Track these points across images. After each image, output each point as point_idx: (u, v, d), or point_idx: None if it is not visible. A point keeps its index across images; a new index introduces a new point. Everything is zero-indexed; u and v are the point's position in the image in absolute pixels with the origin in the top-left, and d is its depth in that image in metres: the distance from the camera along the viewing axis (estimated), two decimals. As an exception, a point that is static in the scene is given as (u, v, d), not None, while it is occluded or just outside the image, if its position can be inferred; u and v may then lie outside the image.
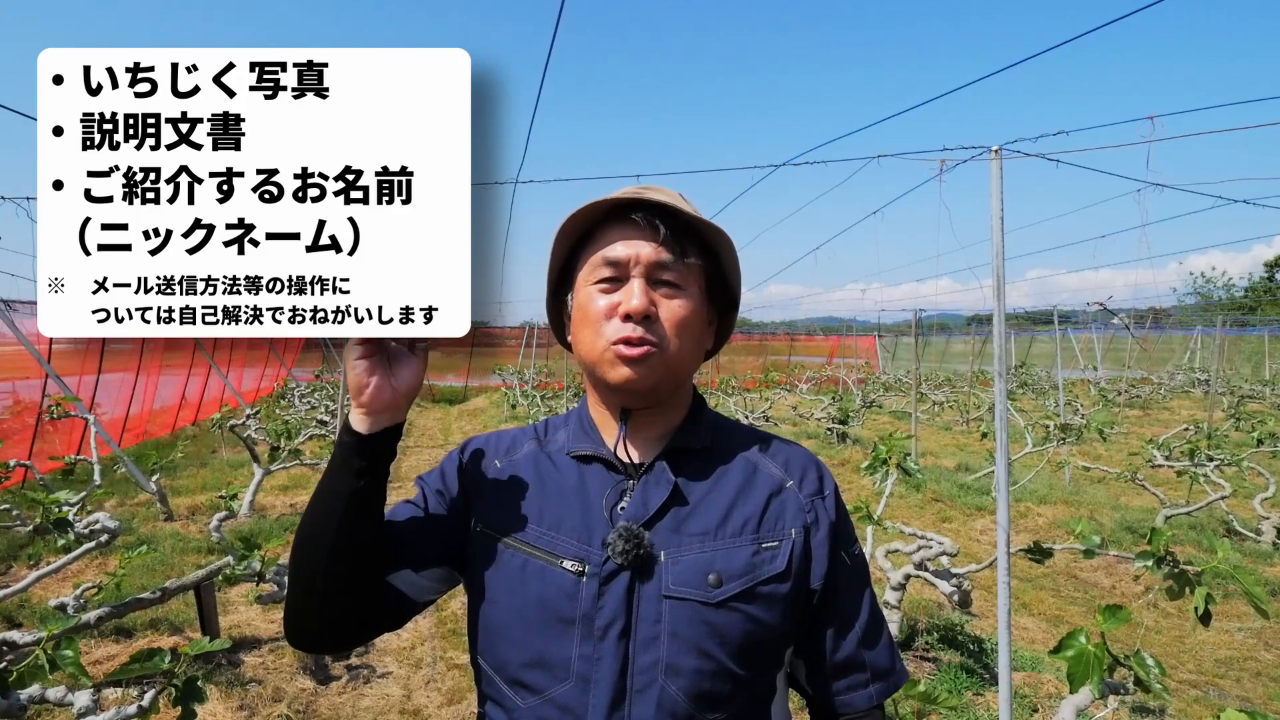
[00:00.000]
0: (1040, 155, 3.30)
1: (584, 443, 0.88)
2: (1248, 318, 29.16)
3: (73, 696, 1.85)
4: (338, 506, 0.77)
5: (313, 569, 0.78)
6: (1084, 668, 1.59)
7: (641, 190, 0.84)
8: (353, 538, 0.77)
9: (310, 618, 0.81)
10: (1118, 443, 9.69)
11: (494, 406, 14.61)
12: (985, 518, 5.99)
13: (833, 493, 0.88)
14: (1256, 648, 3.81)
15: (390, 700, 3.16)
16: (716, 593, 0.77)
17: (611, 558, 0.78)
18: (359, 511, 0.77)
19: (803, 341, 27.14)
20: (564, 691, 0.76)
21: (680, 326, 0.82)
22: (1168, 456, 6.52)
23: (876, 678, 0.86)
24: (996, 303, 2.43)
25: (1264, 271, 37.41)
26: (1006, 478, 2.39)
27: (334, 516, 0.77)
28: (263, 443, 6.71)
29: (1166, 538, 2.29)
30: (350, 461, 0.76)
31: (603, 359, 0.82)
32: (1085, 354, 21.47)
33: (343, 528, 0.76)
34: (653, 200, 0.82)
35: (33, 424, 6.74)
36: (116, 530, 3.29)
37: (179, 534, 5.33)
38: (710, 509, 0.82)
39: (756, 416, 10.90)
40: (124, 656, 2.24)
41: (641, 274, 0.81)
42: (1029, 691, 3.17)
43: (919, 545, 3.54)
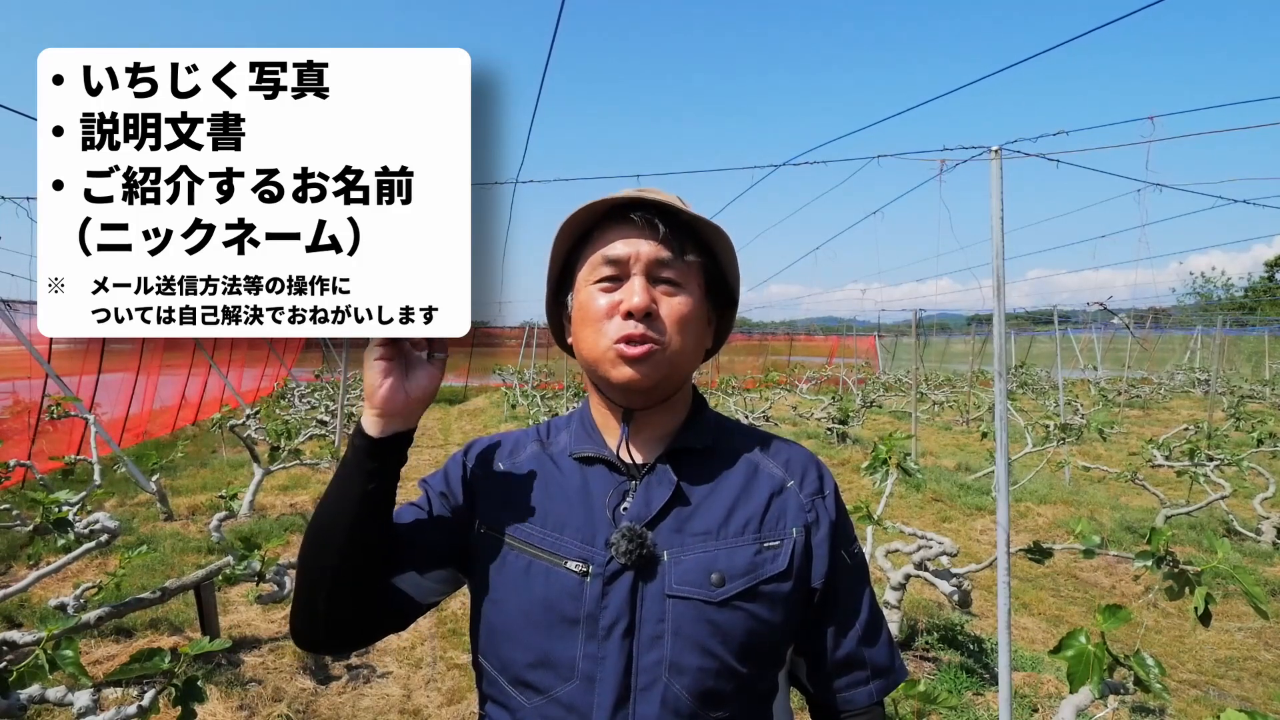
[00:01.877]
0: (1040, 155, 3.30)
1: (586, 444, 0.88)
2: (1248, 318, 29.17)
3: (73, 696, 1.85)
4: (348, 508, 0.77)
5: (321, 569, 0.79)
6: (1084, 668, 1.59)
7: (640, 191, 0.85)
8: (361, 540, 0.78)
9: (316, 618, 0.81)
10: (1118, 443, 9.69)
11: (494, 406, 14.61)
12: (985, 518, 5.99)
13: (833, 492, 0.89)
14: (1256, 648, 3.81)
15: (390, 700, 3.16)
16: (719, 592, 0.78)
17: (615, 558, 0.78)
18: (369, 514, 0.78)
19: (803, 341, 27.14)
20: (569, 691, 0.77)
21: (681, 323, 0.82)
22: (1168, 456, 6.52)
23: (876, 675, 0.87)
24: (996, 303, 2.43)
25: (1264, 271, 37.41)
26: (1006, 478, 2.39)
27: (344, 517, 0.77)
28: (263, 443, 6.71)
29: (1166, 538, 2.29)
30: (362, 464, 0.77)
31: (604, 358, 0.82)
32: (1085, 354, 21.47)
33: (352, 529, 0.77)
34: (651, 200, 0.83)
35: (33, 424, 6.75)
36: (116, 530, 3.29)
37: (179, 534, 5.33)
38: (712, 509, 0.83)
39: (756, 416, 10.89)
40: (124, 656, 2.23)
41: (642, 272, 0.82)
42: (1029, 691, 3.17)
43: (919, 545, 3.54)
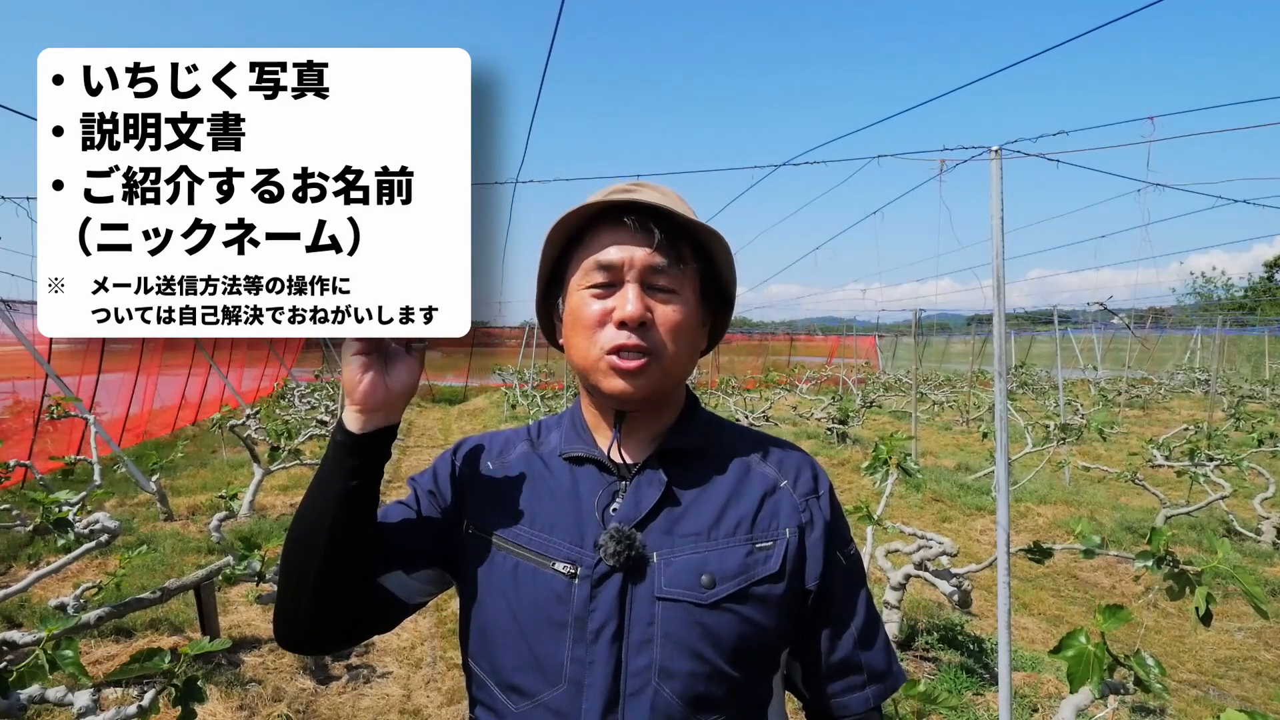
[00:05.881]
0: (1040, 155, 3.30)
1: (576, 444, 0.87)
2: (1248, 318, 29.15)
3: (73, 696, 1.85)
4: (330, 506, 0.76)
5: (304, 569, 0.78)
6: (1084, 668, 1.58)
7: (633, 189, 0.83)
8: (345, 538, 0.77)
9: (299, 619, 0.80)
10: (1118, 443, 9.68)
11: (494, 406, 14.60)
12: (985, 518, 5.99)
13: (827, 492, 0.88)
14: (1256, 648, 3.81)
15: (390, 700, 3.16)
16: (710, 594, 0.77)
17: (603, 559, 0.77)
18: (352, 511, 0.76)
19: (803, 341, 27.12)
20: (556, 695, 0.76)
21: (676, 332, 0.81)
22: (1168, 456, 6.52)
23: (873, 679, 0.85)
24: (996, 303, 2.43)
25: (1264, 271, 37.39)
26: (1006, 478, 2.39)
27: (326, 515, 0.76)
28: (263, 443, 6.70)
29: (1166, 538, 2.29)
30: (343, 461, 0.76)
31: (596, 368, 0.80)
32: (1085, 354, 21.45)
33: (335, 527, 0.76)
34: (646, 202, 0.80)
35: (33, 424, 6.74)
36: (116, 530, 3.29)
37: (179, 534, 5.33)
38: (703, 509, 0.82)
39: (756, 416, 10.90)
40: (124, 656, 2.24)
41: (635, 279, 0.80)
42: (1029, 691, 3.17)
43: (919, 545, 3.54)
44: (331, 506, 0.76)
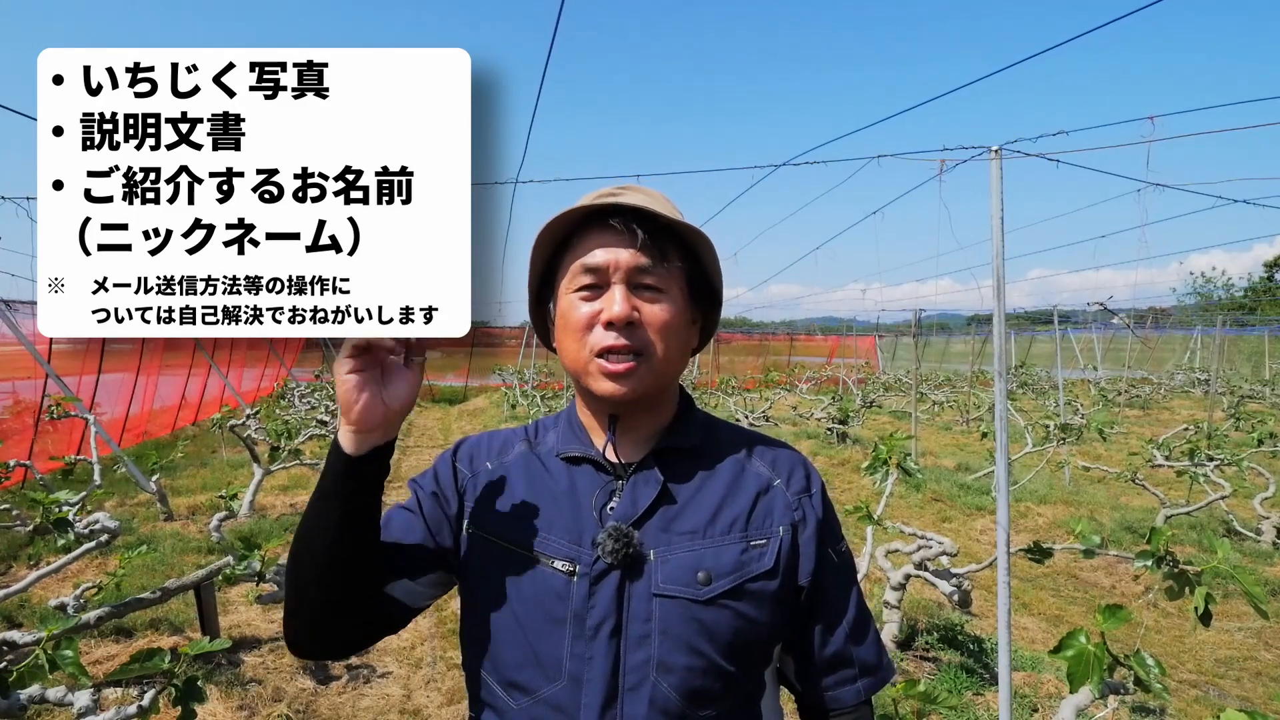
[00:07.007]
0: (1040, 155, 3.30)
1: (573, 444, 0.88)
2: (1248, 318, 29.15)
3: (73, 696, 1.85)
4: (331, 528, 0.76)
5: (306, 582, 0.78)
6: (1084, 668, 1.59)
7: (618, 192, 0.83)
8: (346, 558, 0.77)
9: (305, 628, 0.81)
10: (1118, 443, 9.68)
11: (494, 406, 14.60)
12: (985, 518, 5.99)
13: (819, 491, 0.89)
14: (1256, 648, 3.81)
15: (390, 700, 3.16)
16: (706, 590, 0.78)
17: (601, 557, 0.78)
18: (353, 532, 0.77)
19: (803, 341, 27.12)
20: (556, 691, 0.77)
21: (664, 330, 0.81)
22: (1168, 456, 6.52)
23: (864, 673, 0.87)
24: (996, 303, 2.43)
25: (1264, 271, 37.38)
26: (1006, 477, 2.40)
27: (326, 533, 0.76)
28: (263, 443, 6.71)
29: (1166, 537, 2.29)
30: (341, 487, 0.75)
31: (587, 370, 0.82)
32: (1085, 354, 21.46)
33: (334, 544, 0.76)
34: (629, 204, 0.81)
35: (33, 424, 6.74)
36: (116, 530, 3.29)
37: (179, 534, 5.33)
38: (699, 508, 0.83)
39: (756, 416, 10.90)
40: (124, 656, 2.23)
41: (622, 280, 0.80)
42: (1029, 691, 3.17)
43: (919, 545, 3.54)
44: (333, 529, 0.76)
